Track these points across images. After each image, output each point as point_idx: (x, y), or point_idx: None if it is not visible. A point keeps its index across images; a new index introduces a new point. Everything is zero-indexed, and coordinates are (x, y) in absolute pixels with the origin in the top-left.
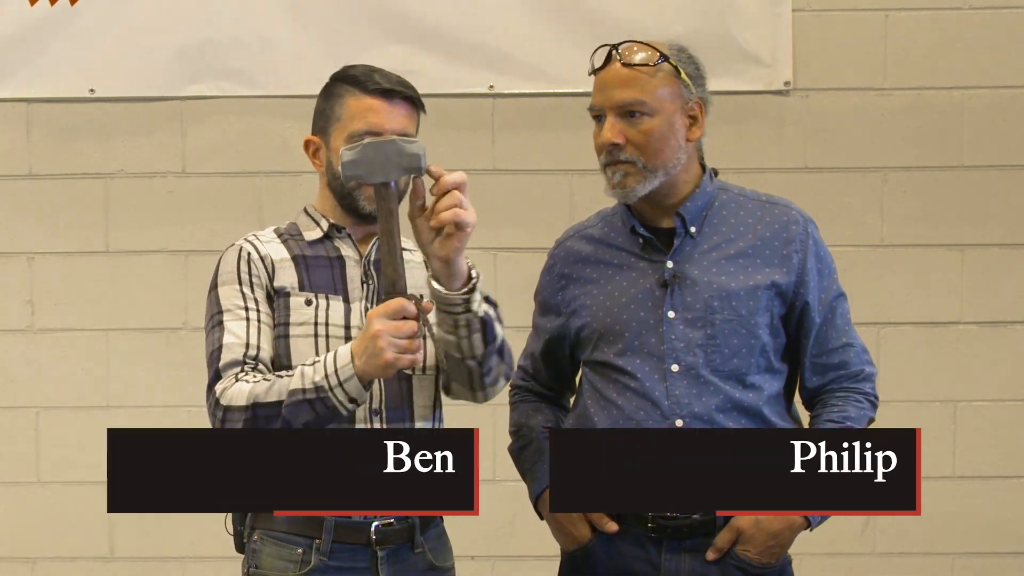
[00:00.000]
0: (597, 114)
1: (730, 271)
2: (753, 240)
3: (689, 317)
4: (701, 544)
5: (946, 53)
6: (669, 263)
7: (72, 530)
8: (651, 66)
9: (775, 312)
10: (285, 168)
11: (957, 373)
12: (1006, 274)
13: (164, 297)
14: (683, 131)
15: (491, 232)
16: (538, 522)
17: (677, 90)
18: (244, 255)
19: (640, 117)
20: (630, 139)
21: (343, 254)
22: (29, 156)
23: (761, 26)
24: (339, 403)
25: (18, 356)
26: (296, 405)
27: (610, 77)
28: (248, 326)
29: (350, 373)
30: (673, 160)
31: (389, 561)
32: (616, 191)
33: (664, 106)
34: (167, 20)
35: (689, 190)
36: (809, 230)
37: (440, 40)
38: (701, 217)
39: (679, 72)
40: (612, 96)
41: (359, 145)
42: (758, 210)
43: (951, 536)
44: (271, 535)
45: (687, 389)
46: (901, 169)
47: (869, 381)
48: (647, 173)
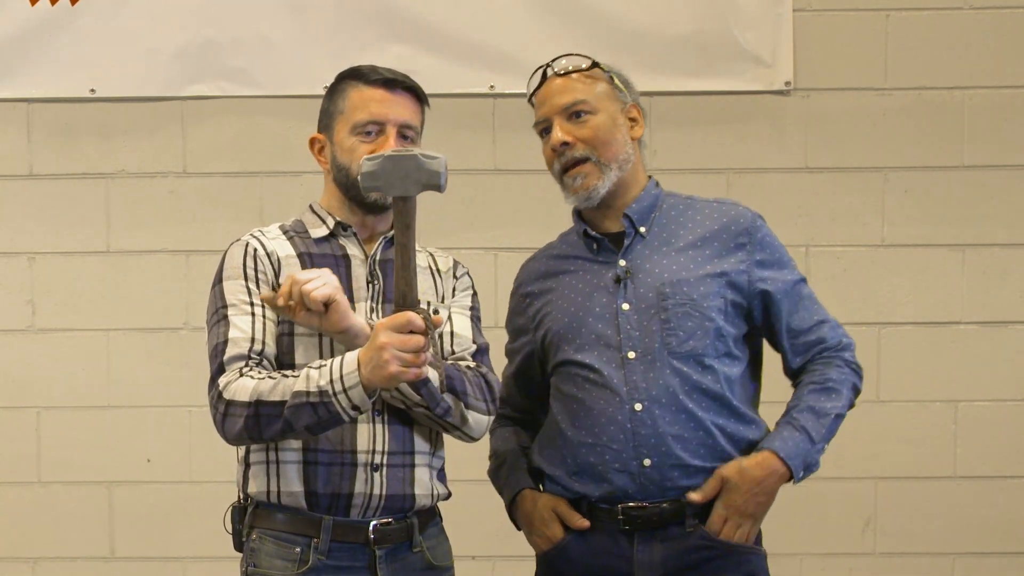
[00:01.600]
0: (544, 127)
1: (680, 261)
2: (702, 234)
3: (643, 307)
4: (671, 533)
5: (946, 53)
6: (621, 261)
7: (72, 530)
8: (584, 70)
9: (728, 299)
10: (286, 168)
11: (958, 373)
12: (1006, 274)
13: (165, 297)
14: (626, 129)
15: (491, 232)
16: None
17: (613, 92)
18: (251, 251)
19: (585, 116)
20: (579, 137)
21: (348, 253)
22: (30, 156)
23: (762, 26)
24: (342, 409)
25: (19, 356)
26: (299, 407)
27: (550, 90)
28: (253, 321)
29: (355, 381)
30: (623, 153)
31: (387, 560)
32: (579, 195)
33: (605, 104)
34: (168, 20)
35: (636, 193)
36: (757, 223)
37: (440, 40)
38: (650, 218)
39: (612, 78)
40: (555, 103)
41: (379, 157)
42: (705, 208)
43: (951, 536)
44: (270, 534)
45: (644, 374)
46: (902, 169)
47: (848, 350)
48: (603, 168)
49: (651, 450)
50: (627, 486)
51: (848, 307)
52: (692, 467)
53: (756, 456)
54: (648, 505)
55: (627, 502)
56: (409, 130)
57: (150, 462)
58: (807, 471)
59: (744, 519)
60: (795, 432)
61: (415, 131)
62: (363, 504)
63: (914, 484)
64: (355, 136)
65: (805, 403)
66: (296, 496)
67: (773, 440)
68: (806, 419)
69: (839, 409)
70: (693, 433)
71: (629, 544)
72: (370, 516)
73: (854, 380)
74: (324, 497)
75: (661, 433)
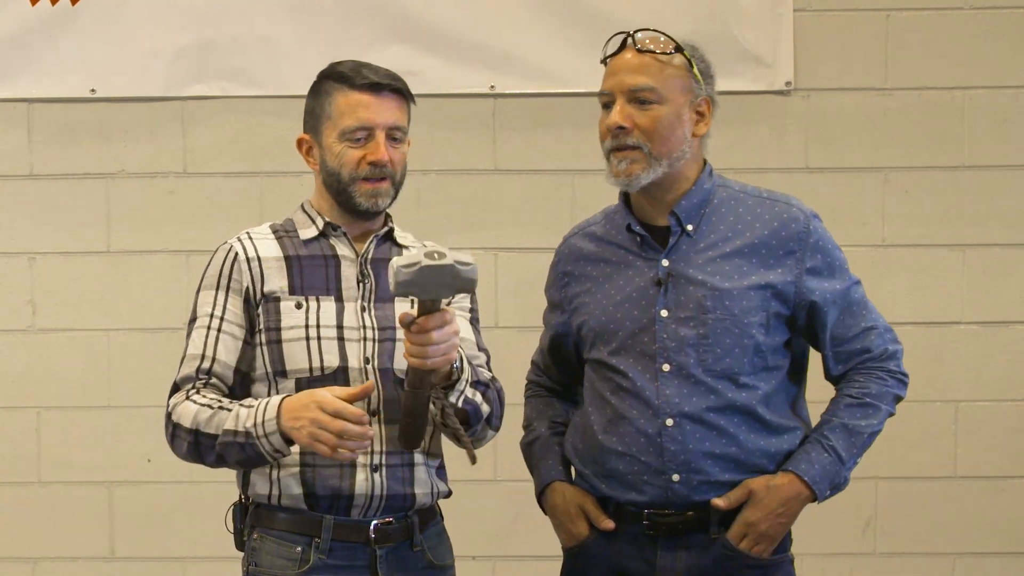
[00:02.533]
0: (607, 101)
1: (725, 270)
2: (751, 239)
3: (682, 316)
4: (695, 541)
5: (947, 53)
6: (664, 261)
7: (73, 530)
8: (665, 54)
9: (771, 312)
10: (286, 168)
11: (958, 373)
12: (1007, 274)
13: (165, 297)
14: (690, 125)
15: (492, 232)
16: (538, 522)
17: (688, 83)
18: (231, 256)
19: (650, 104)
20: (638, 124)
21: (338, 253)
22: (30, 156)
23: (762, 26)
24: (265, 451)
25: (19, 356)
26: (228, 444)
27: (623, 62)
28: (207, 335)
29: (273, 428)
30: (678, 151)
31: (388, 559)
32: (620, 179)
33: (674, 96)
34: (168, 20)
35: (687, 187)
36: (811, 227)
37: (440, 40)
38: (699, 215)
39: (692, 65)
40: (623, 80)
41: (417, 266)
42: (757, 207)
43: (952, 536)
44: (271, 533)
45: (677, 389)
46: (902, 169)
47: (893, 359)
48: (652, 161)
49: (680, 466)
50: (654, 497)
51: None
52: (721, 482)
53: (783, 477)
54: (673, 513)
55: (653, 508)
56: (397, 131)
57: (150, 462)
58: (834, 491)
59: (762, 539)
60: (823, 454)
61: (403, 131)
62: (364, 504)
63: (914, 484)
64: (344, 142)
65: (839, 420)
66: (296, 499)
67: (800, 462)
68: (837, 438)
69: (874, 427)
70: (724, 450)
71: (652, 549)
72: (371, 516)
73: (896, 391)
74: (324, 499)
75: (691, 450)
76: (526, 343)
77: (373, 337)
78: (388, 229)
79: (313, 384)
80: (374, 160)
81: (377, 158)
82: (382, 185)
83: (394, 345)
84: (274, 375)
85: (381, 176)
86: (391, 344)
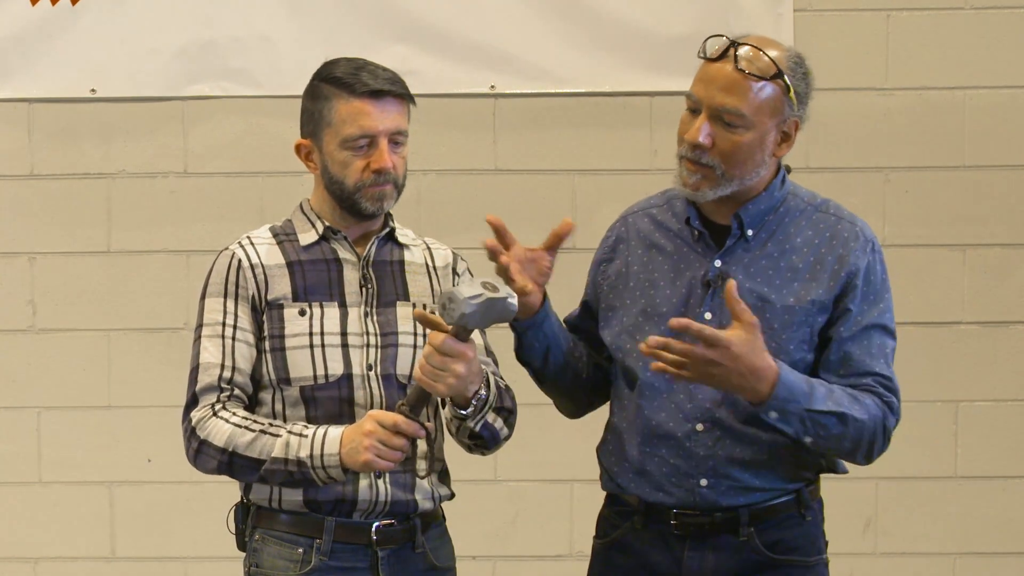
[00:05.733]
0: (693, 106)
1: (775, 283)
2: (807, 255)
3: (724, 323)
4: (723, 542)
5: (947, 53)
6: (717, 262)
7: (73, 530)
8: (764, 79)
9: (815, 328)
10: (287, 168)
11: (958, 373)
12: (1007, 274)
13: (165, 297)
14: (772, 147)
15: (491, 232)
16: (538, 522)
17: (780, 106)
18: (235, 263)
19: (735, 128)
20: (718, 145)
21: (340, 257)
22: (31, 156)
23: (762, 26)
24: (318, 479)
25: (19, 356)
26: (276, 471)
27: (720, 75)
28: (224, 344)
29: (335, 462)
30: (751, 174)
31: (389, 561)
32: (686, 190)
33: (762, 121)
34: (168, 20)
35: (756, 193)
36: (867, 251)
37: (441, 40)
38: (761, 221)
39: (789, 90)
40: (714, 96)
41: (482, 300)
42: (821, 223)
43: (951, 536)
44: (272, 535)
45: (711, 393)
46: (902, 169)
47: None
48: (723, 180)
49: (709, 471)
50: (683, 500)
51: None
52: (751, 487)
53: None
54: (701, 514)
55: (680, 509)
56: (399, 135)
57: (150, 462)
58: (781, 415)
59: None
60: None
61: (404, 134)
62: (367, 509)
63: (914, 484)
64: (347, 150)
65: (830, 385)
66: (298, 504)
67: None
68: (820, 387)
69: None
70: (754, 456)
71: (680, 549)
72: (373, 519)
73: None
74: (327, 504)
75: (720, 456)
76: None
77: (376, 343)
78: (389, 229)
79: (318, 391)
80: (378, 168)
81: (381, 166)
82: (386, 188)
83: (396, 351)
84: (278, 382)
85: (385, 182)
86: (393, 350)
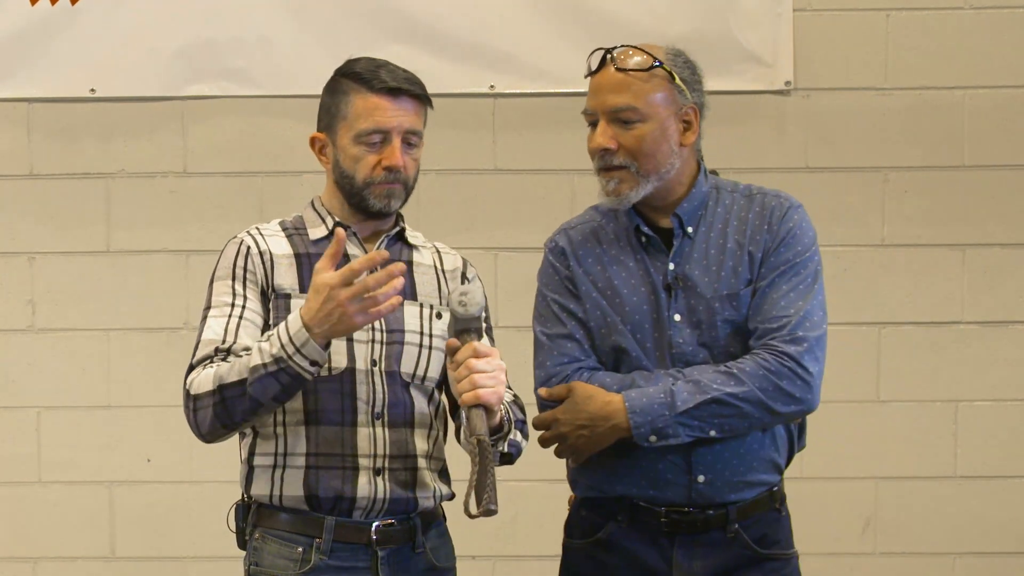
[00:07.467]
0: (591, 120)
1: (721, 275)
2: (743, 233)
3: (694, 320)
4: (713, 539)
5: (947, 53)
6: (671, 265)
7: (73, 530)
8: (645, 71)
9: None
10: (286, 168)
11: (958, 373)
12: (1007, 274)
13: (165, 297)
14: (676, 136)
15: (491, 232)
16: (539, 522)
17: (671, 96)
18: (243, 249)
19: (632, 124)
20: (622, 144)
21: (349, 253)
22: (30, 156)
23: (762, 26)
24: (301, 369)
25: (19, 356)
26: (260, 380)
27: (604, 81)
28: (228, 322)
29: (305, 337)
30: (666, 165)
31: (389, 561)
32: (611, 198)
33: (657, 112)
34: (168, 20)
35: (684, 191)
36: (790, 214)
37: (441, 40)
38: (697, 217)
39: (673, 78)
40: (605, 100)
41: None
42: (748, 203)
43: (952, 536)
44: (272, 533)
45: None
46: (902, 169)
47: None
48: (640, 179)
49: (706, 467)
50: (677, 497)
51: (848, 307)
52: (746, 482)
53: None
54: (693, 511)
55: (672, 507)
56: (413, 136)
57: (150, 462)
58: (659, 438)
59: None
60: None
61: (419, 135)
62: (366, 507)
63: (914, 484)
64: (359, 145)
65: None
66: (298, 500)
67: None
68: (682, 386)
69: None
70: (747, 448)
71: (670, 547)
72: (373, 518)
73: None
74: (327, 501)
75: (716, 451)
76: (526, 343)
77: (381, 339)
78: (400, 229)
79: (319, 384)
80: (389, 165)
81: (392, 163)
82: (395, 187)
83: (402, 348)
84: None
85: (395, 180)
86: (399, 347)
